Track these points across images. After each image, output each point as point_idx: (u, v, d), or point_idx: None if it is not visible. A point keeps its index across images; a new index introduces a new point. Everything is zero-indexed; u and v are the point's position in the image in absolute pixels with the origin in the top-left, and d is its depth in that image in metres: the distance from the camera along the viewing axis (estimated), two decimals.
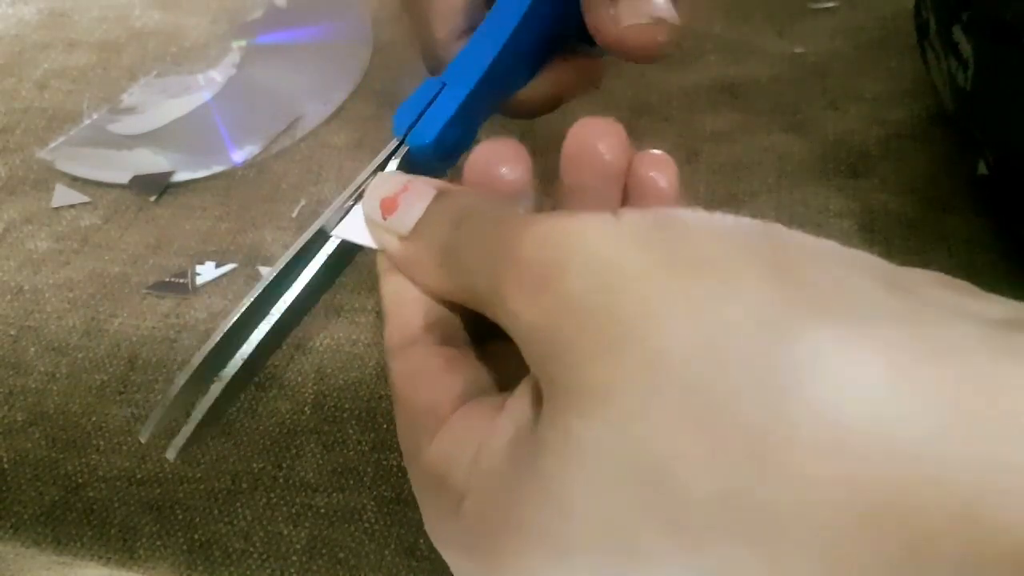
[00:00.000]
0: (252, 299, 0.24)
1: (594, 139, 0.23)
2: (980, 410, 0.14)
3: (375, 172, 0.26)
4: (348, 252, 0.25)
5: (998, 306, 0.16)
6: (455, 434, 0.20)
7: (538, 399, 0.18)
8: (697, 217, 0.17)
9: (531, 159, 0.24)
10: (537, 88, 0.32)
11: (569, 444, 0.16)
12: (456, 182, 0.24)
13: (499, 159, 0.23)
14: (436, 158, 0.27)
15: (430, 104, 0.28)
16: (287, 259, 0.24)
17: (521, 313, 0.17)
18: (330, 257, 0.25)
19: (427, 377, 0.21)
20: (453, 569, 0.20)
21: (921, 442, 0.14)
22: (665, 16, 0.28)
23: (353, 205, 0.25)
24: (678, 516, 0.15)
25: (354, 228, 0.24)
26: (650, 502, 0.15)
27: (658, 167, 0.24)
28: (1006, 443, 0.13)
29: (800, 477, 0.14)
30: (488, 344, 0.23)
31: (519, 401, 0.19)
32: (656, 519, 0.15)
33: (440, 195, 0.22)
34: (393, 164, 0.27)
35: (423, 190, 0.22)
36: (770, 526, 0.14)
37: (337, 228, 0.25)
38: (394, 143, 0.27)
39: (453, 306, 0.23)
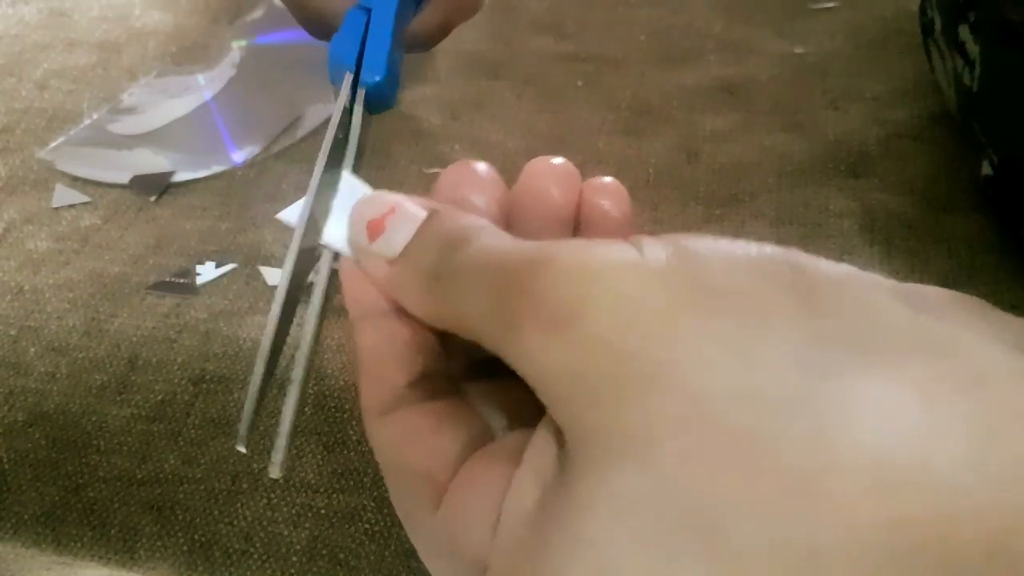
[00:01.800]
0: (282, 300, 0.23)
1: (546, 183, 0.23)
2: (1017, 445, 0.14)
3: (341, 118, 0.25)
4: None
5: (1017, 328, 0.16)
6: (463, 497, 0.19)
7: (560, 446, 0.17)
8: (717, 248, 0.17)
9: (504, 187, 0.23)
10: (428, 17, 0.33)
11: (606, 497, 0.15)
12: (425, 197, 0.23)
13: (470, 184, 0.22)
14: (388, 90, 0.27)
15: (365, 33, 0.27)
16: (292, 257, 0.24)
17: (540, 352, 0.16)
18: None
19: (418, 441, 0.20)
20: None
21: (960, 479, 0.14)
22: None
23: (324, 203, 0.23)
24: (729, 562, 0.14)
25: (338, 236, 0.23)
26: (697, 552, 0.15)
27: (610, 196, 0.23)
28: None
29: (845, 520, 0.14)
30: (474, 382, 0.22)
31: (539, 453, 0.18)
32: (706, 567, 0.15)
33: (430, 217, 0.21)
34: (358, 110, 0.26)
35: (411, 211, 0.21)
36: (818, 567, 0.14)
37: (323, 235, 0.23)
38: (348, 81, 0.27)
39: (438, 351, 0.22)
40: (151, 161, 0.45)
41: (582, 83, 0.48)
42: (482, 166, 0.23)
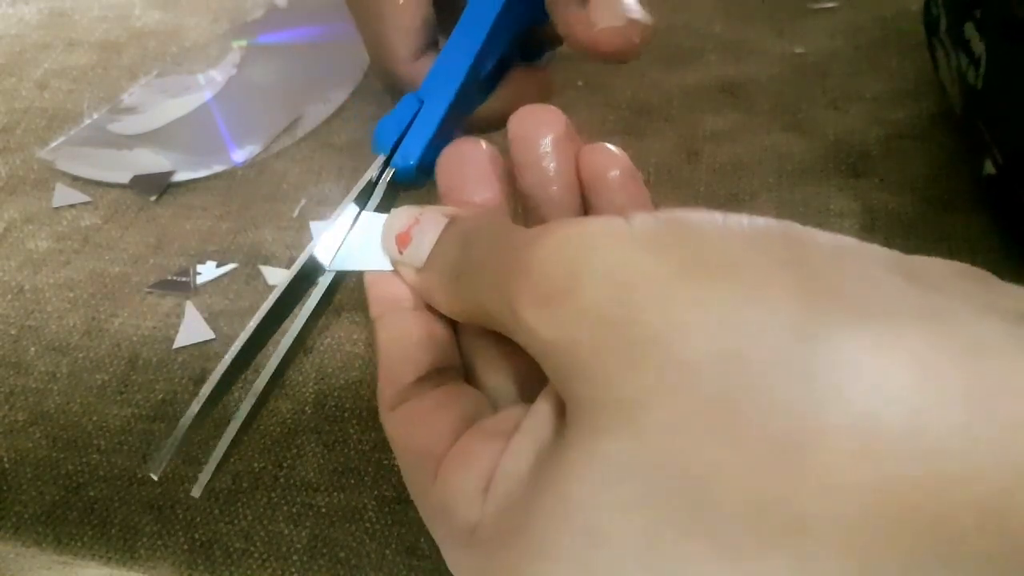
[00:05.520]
0: (243, 343, 0.24)
1: (536, 131, 0.25)
2: (1009, 410, 0.14)
3: (364, 189, 0.27)
4: (339, 282, 0.26)
5: (1020, 299, 0.16)
6: (456, 465, 0.19)
7: (559, 415, 0.17)
8: (711, 218, 0.17)
9: (502, 162, 0.24)
10: (496, 103, 0.33)
11: (598, 464, 0.16)
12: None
13: (470, 164, 0.24)
14: (419, 176, 0.28)
15: (411, 122, 0.28)
16: (280, 290, 0.25)
17: (537, 329, 0.17)
18: (326, 292, 0.25)
19: (416, 424, 0.21)
20: None
21: (951, 444, 0.14)
22: (638, 17, 0.28)
23: (346, 234, 0.25)
24: (715, 529, 0.15)
25: (350, 258, 0.25)
26: (685, 517, 0.15)
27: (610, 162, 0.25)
28: None
29: (834, 483, 0.14)
30: (494, 355, 0.23)
31: (537, 420, 0.18)
32: (692, 534, 0.15)
33: (450, 223, 0.22)
34: (381, 186, 0.27)
35: (433, 220, 0.22)
36: (804, 532, 0.14)
37: (334, 261, 0.25)
38: (380, 160, 0.27)
39: (450, 345, 0.23)
40: (151, 161, 0.45)
41: (582, 83, 0.48)
42: (479, 144, 0.25)
